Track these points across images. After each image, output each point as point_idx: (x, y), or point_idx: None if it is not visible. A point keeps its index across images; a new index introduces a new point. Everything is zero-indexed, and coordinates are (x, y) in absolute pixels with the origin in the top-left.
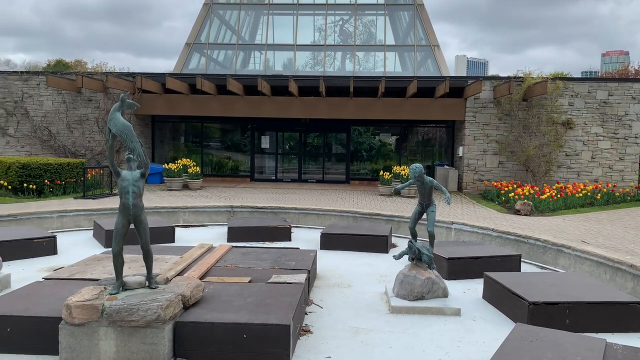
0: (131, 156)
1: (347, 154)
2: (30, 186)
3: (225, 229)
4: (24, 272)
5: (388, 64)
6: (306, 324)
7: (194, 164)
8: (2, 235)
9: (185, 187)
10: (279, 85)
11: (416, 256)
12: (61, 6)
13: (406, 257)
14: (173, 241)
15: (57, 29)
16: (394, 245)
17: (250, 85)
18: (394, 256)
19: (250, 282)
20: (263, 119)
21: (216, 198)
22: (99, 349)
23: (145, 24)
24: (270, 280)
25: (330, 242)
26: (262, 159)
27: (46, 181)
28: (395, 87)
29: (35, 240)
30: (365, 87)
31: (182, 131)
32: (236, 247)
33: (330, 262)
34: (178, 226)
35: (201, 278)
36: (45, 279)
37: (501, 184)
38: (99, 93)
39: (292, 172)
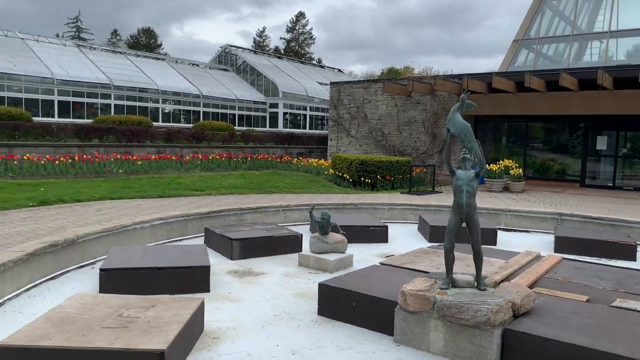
0: (467, 156)
1: None
2: (366, 180)
3: (550, 238)
4: (362, 255)
5: None
6: None
7: (516, 165)
8: (347, 221)
9: (506, 189)
10: (623, 77)
11: None
12: (392, 18)
13: None
14: (495, 244)
15: (387, 40)
16: None
17: (586, 79)
18: None
19: (587, 301)
20: (600, 116)
21: (540, 203)
22: (428, 339)
23: (467, 24)
24: (614, 304)
25: None
26: (596, 163)
27: (378, 177)
28: None
29: (370, 228)
30: None
31: (504, 131)
32: (567, 259)
33: None
34: (499, 229)
35: (529, 287)
36: (381, 264)
37: None
38: (427, 96)
39: (636, 179)
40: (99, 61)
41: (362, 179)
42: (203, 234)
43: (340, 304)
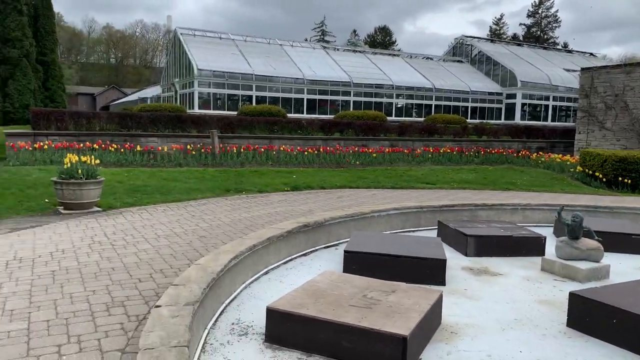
0: None
1: None
2: (625, 180)
3: None
4: (620, 266)
5: None
6: None
7: None
8: (601, 226)
9: None
10: None
11: None
12: None
13: None
14: None
15: None
16: None
17: None
18: None
19: None
20: None
21: None
22: None
23: None
24: None
25: None
26: None
27: None
28: None
29: (632, 236)
30: None
31: None
32: None
33: None
34: None
35: None
36: None
37: None
38: None
39: None
40: (341, 61)
41: (620, 178)
42: (436, 227)
43: (595, 318)
